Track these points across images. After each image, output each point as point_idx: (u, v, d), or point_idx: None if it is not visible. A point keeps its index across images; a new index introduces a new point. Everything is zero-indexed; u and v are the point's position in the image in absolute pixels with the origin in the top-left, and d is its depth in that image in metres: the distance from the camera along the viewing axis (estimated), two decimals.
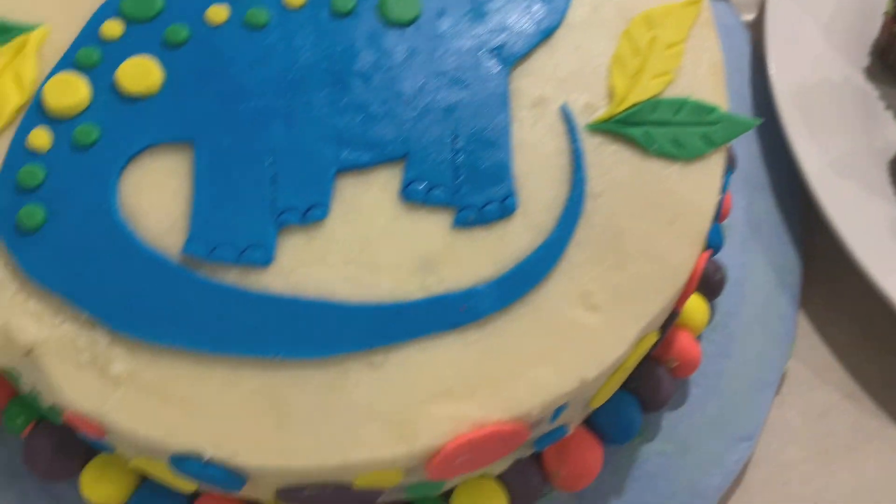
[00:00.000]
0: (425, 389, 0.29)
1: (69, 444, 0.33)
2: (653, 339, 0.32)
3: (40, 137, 0.30)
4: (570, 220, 0.31)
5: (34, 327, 0.28)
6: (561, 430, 0.33)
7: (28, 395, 0.31)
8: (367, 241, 0.30)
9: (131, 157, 0.30)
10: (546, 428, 0.32)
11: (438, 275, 0.30)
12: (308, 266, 0.30)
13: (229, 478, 0.28)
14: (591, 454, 0.35)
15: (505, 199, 0.31)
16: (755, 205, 0.42)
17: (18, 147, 0.30)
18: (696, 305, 0.38)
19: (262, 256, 0.29)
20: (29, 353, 0.28)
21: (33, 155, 0.30)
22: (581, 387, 0.29)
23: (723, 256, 0.40)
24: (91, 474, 0.33)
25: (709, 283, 0.39)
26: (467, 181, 0.31)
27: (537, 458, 0.35)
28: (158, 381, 0.28)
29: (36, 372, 0.29)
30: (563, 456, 0.34)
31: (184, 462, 0.28)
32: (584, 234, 0.31)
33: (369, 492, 0.30)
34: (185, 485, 0.31)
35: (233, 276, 0.29)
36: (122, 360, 0.28)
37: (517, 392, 0.29)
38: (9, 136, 0.30)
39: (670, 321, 0.34)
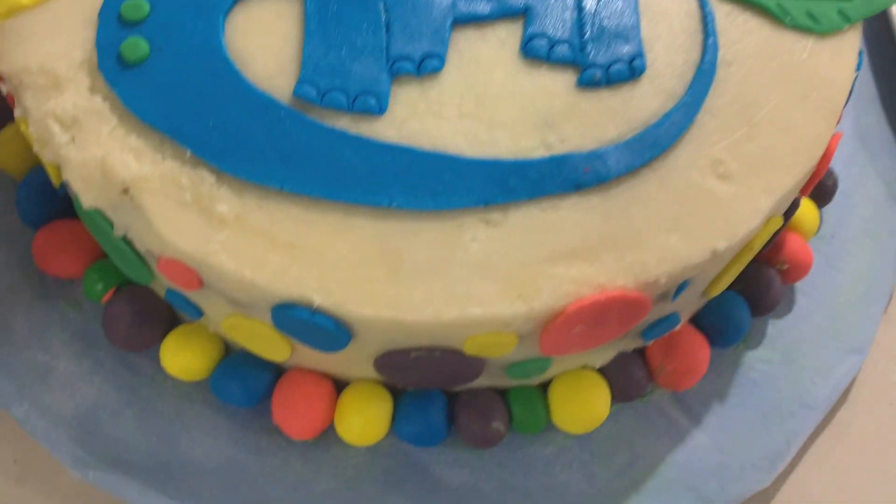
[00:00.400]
0: (546, 249, 0.27)
1: (151, 312, 0.32)
2: (778, 223, 0.30)
3: None
4: (701, 86, 0.29)
5: (134, 163, 0.27)
6: (672, 318, 0.31)
7: (114, 250, 0.29)
8: (484, 96, 0.28)
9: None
10: (662, 311, 0.30)
11: (560, 134, 0.28)
12: (422, 118, 0.28)
13: (334, 333, 0.26)
14: (699, 351, 0.33)
15: (633, 59, 0.29)
16: (864, 118, 0.40)
17: None
18: (806, 210, 0.36)
19: (376, 104, 0.27)
20: (126, 191, 0.27)
21: None
22: (712, 258, 0.27)
23: (831, 166, 0.38)
24: (172, 344, 0.31)
25: (821, 188, 0.37)
26: (593, 39, 0.29)
27: (641, 354, 0.33)
28: (266, 225, 0.26)
29: (133, 213, 0.27)
30: (669, 351, 0.32)
31: (288, 312, 0.26)
32: (715, 101, 0.29)
33: (476, 360, 0.28)
34: (277, 351, 0.29)
35: (344, 123, 0.27)
36: (227, 201, 0.26)
37: (644, 258, 0.27)
38: None
39: (793, 209, 0.32)
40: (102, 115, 0.27)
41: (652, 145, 0.28)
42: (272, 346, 0.29)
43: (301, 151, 0.27)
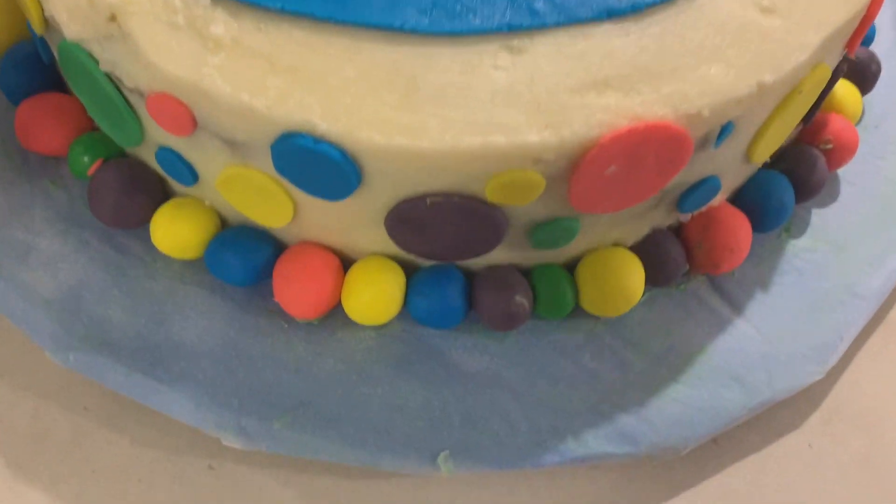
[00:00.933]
0: (576, 79, 0.24)
1: (140, 181, 0.29)
2: (826, 74, 0.27)
3: None
4: None
5: None
6: (712, 182, 0.28)
7: (100, 102, 0.27)
8: None
9: None
10: (703, 167, 0.27)
11: None
12: None
13: (341, 167, 0.23)
14: (740, 228, 0.30)
15: None
16: None
17: None
18: (848, 93, 0.34)
19: None
20: (113, 17, 0.24)
21: None
22: (758, 94, 0.25)
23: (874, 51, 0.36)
24: (164, 216, 0.29)
25: (864, 73, 0.34)
26: None
27: (676, 234, 0.31)
28: (265, 48, 0.24)
29: (121, 43, 0.24)
30: (708, 226, 0.30)
31: (290, 143, 0.23)
32: None
33: (499, 213, 0.25)
34: (278, 211, 0.27)
35: None
36: (223, 23, 0.24)
37: (684, 89, 0.24)
38: None
39: (839, 70, 0.29)
40: None
41: None
42: (272, 203, 0.26)
43: None
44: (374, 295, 0.28)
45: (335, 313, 0.29)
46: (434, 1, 0.24)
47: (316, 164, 0.24)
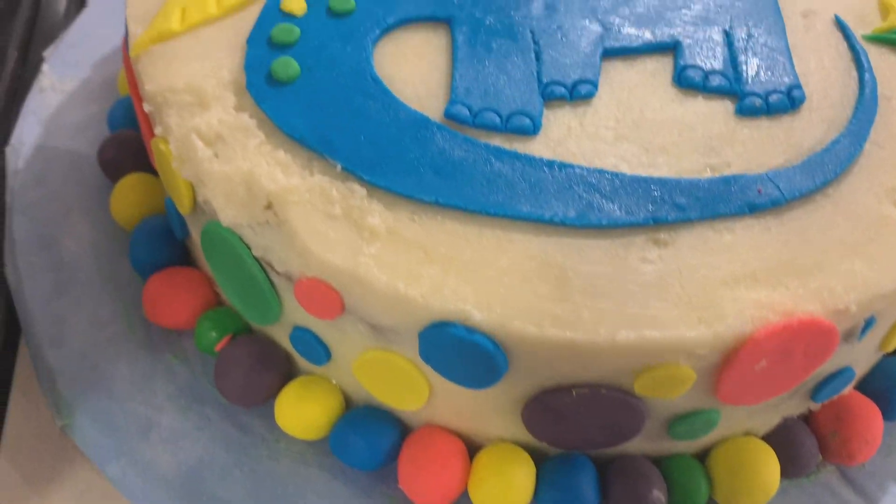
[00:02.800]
0: (724, 272, 0.24)
1: (269, 359, 0.29)
2: None
3: (295, 3, 0.28)
4: (866, 117, 0.27)
5: (281, 176, 0.25)
6: (847, 373, 0.28)
7: (242, 283, 0.27)
8: (640, 121, 0.27)
9: (386, 30, 0.28)
10: (843, 358, 0.27)
11: (724, 158, 0.26)
12: (578, 139, 0.26)
13: (492, 356, 0.23)
14: (873, 419, 0.29)
15: (791, 90, 0.28)
16: None
17: (273, 9, 0.28)
18: None
19: (530, 124, 0.26)
20: (270, 206, 0.25)
21: (288, 16, 0.28)
22: None
23: None
24: (290, 395, 0.28)
25: None
26: (748, 71, 0.28)
27: (806, 421, 0.30)
28: (420, 238, 0.24)
29: (275, 230, 0.25)
30: (841, 416, 0.29)
31: (442, 332, 0.23)
32: (881, 134, 0.28)
33: (643, 405, 0.25)
34: (413, 394, 0.26)
35: (497, 142, 0.26)
36: (379, 214, 0.25)
37: (831, 284, 0.24)
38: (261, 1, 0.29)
39: None
40: (249, 132, 0.26)
41: (823, 171, 0.26)
42: (409, 387, 0.26)
43: (456, 166, 0.25)
44: (504, 485, 0.27)
45: (461, 500, 0.28)
46: (581, 196, 0.25)
47: (465, 352, 0.24)
